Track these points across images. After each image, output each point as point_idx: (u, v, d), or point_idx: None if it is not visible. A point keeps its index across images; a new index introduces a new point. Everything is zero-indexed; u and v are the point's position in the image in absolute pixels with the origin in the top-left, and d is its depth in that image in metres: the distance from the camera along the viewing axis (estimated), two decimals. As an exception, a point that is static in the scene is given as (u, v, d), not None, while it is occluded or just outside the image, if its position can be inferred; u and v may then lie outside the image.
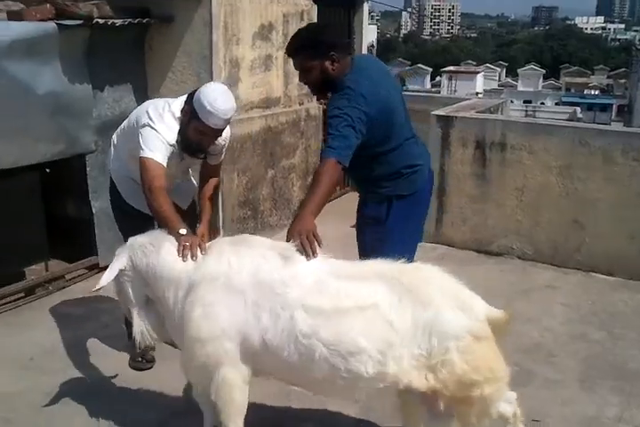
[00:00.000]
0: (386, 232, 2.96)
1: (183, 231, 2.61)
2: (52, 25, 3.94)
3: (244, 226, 5.14)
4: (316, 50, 2.77)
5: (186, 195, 3.36)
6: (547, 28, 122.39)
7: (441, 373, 2.17)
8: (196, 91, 2.86)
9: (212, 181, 3.22)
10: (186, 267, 2.48)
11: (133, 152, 2.93)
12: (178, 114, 2.90)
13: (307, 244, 2.40)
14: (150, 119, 2.87)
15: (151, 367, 3.42)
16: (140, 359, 3.43)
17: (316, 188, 2.57)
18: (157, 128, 2.85)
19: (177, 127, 2.89)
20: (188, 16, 4.55)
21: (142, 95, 4.76)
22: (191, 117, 2.81)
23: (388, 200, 2.97)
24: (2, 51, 3.65)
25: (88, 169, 4.38)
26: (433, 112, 5.36)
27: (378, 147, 2.88)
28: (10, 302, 4.11)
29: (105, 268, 2.64)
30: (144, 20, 4.50)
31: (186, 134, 2.86)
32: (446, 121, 5.22)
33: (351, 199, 3.62)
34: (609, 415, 3.12)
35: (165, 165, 2.84)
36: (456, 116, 5.23)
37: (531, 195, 4.94)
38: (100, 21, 4.17)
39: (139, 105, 4.67)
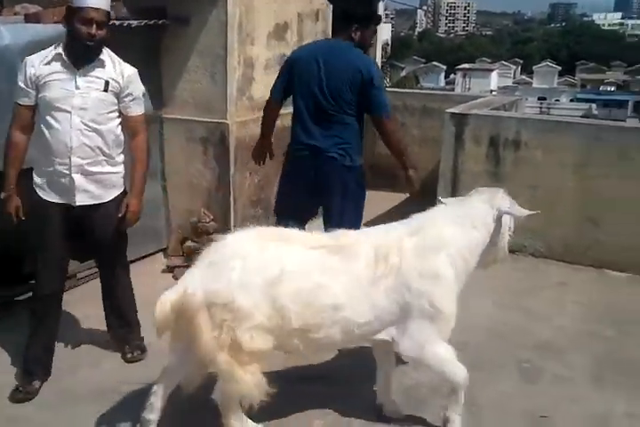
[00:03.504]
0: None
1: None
2: (68, 27, 3.99)
3: (256, 225, 5.16)
4: None
5: (102, 185, 3.22)
6: (563, 24, 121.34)
7: None
8: None
9: (137, 142, 3.26)
10: None
11: None
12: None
13: None
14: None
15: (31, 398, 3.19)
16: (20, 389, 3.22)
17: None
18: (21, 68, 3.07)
19: (52, 49, 3.09)
20: (203, 16, 4.60)
21: (157, 96, 4.82)
22: (70, 16, 3.02)
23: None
24: (17, 53, 3.68)
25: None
26: (447, 110, 5.38)
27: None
28: (21, 301, 4.10)
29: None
30: (160, 22, 4.55)
31: (71, 34, 3.04)
32: (460, 119, 5.23)
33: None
34: (618, 412, 3.14)
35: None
36: (470, 114, 5.24)
37: (544, 192, 4.94)
38: (116, 23, 4.23)
39: (153, 106, 4.78)
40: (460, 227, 2.79)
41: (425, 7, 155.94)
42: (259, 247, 2.60)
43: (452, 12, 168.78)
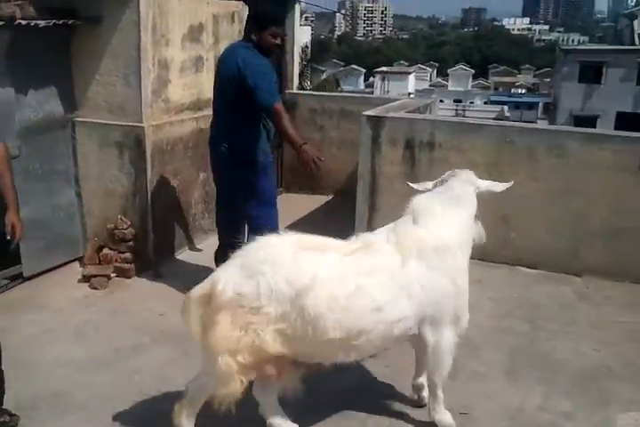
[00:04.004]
0: None
1: None
2: (-29, 26, 3.83)
3: (176, 229, 5.10)
4: None
5: None
6: (475, 29, 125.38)
7: None
8: None
9: None
10: None
11: None
12: None
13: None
14: None
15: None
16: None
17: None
18: None
19: None
20: (115, 17, 4.48)
21: (68, 98, 4.68)
22: None
23: None
24: None
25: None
26: (363, 113, 5.44)
27: None
28: None
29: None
30: (69, 22, 4.41)
31: None
32: (376, 121, 5.29)
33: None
34: (533, 405, 3.26)
35: None
36: (386, 117, 5.32)
37: (459, 193, 5.06)
38: (23, 22, 4.08)
39: (64, 108, 4.62)
40: (455, 208, 2.93)
41: (343, 11, 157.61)
42: (293, 254, 2.59)
43: (370, 15, 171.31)
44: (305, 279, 2.51)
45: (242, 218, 4.25)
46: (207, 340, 2.53)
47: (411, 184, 3.19)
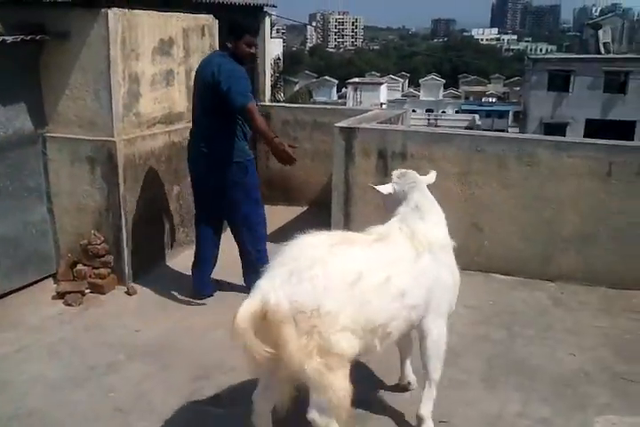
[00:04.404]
0: None
1: None
2: (-64, 42, 3.78)
3: (150, 244, 5.06)
4: None
5: None
6: (445, 39, 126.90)
7: None
8: None
9: None
10: None
11: None
12: None
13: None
14: None
15: None
16: None
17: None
18: None
19: None
20: (84, 31, 4.45)
21: (38, 113, 4.64)
22: None
23: None
24: None
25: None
26: (336, 124, 5.46)
27: None
28: None
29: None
30: (38, 37, 4.37)
31: None
32: (349, 133, 5.32)
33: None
34: (511, 412, 3.28)
35: None
36: (358, 128, 5.34)
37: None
38: (-11, 38, 4.04)
39: (34, 124, 4.58)
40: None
41: (314, 23, 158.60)
42: (332, 250, 2.68)
43: (341, 27, 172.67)
44: (352, 273, 2.63)
45: (222, 224, 4.59)
46: (285, 355, 2.48)
47: (373, 186, 3.37)
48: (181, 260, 5.26)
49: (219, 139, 4.23)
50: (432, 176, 3.36)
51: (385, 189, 3.29)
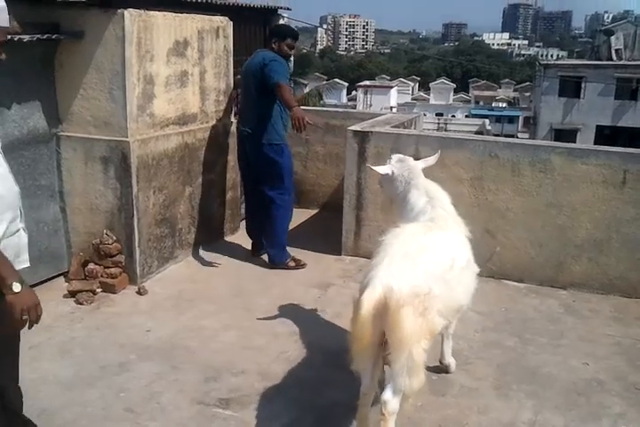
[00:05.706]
0: None
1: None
2: (-46, 41, 3.78)
3: (162, 244, 5.06)
4: None
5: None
6: (456, 43, 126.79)
7: None
8: None
9: None
10: None
11: None
12: None
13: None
14: None
15: None
16: None
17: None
18: None
19: None
20: (99, 32, 4.46)
21: (52, 112, 4.65)
22: None
23: None
24: None
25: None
26: (349, 127, 5.46)
27: None
28: None
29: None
30: (53, 36, 4.39)
31: None
32: (362, 136, 5.32)
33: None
34: (523, 420, 3.25)
35: None
36: (371, 131, 5.34)
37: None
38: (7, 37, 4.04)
39: (48, 123, 4.59)
40: None
41: (325, 25, 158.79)
42: (431, 238, 2.94)
43: (352, 30, 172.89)
44: (449, 258, 2.91)
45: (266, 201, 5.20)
46: (399, 339, 2.59)
47: (371, 167, 3.68)
48: (193, 260, 5.26)
49: (261, 121, 5.00)
50: (433, 158, 3.60)
51: (382, 169, 3.51)
